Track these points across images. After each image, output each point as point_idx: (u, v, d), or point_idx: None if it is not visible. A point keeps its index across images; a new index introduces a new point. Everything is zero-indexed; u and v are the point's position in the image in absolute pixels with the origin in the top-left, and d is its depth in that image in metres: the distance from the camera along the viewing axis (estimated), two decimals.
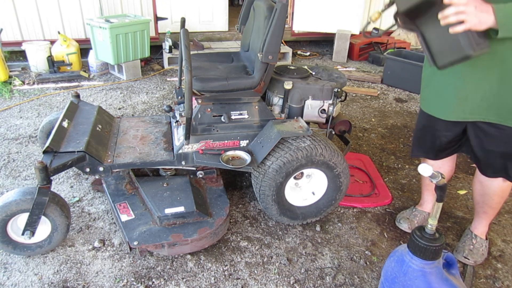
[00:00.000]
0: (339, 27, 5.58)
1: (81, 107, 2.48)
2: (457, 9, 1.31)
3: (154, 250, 1.89)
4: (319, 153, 2.01)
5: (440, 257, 1.38)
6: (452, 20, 1.34)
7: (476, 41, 1.37)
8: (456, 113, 1.76)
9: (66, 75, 4.35)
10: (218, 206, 2.12)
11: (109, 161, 2.10)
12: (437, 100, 1.83)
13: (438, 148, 1.97)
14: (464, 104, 1.71)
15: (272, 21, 1.95)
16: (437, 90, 1.81)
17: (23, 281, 1.82)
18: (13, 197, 1.80)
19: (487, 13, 1.33)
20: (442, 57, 1.47)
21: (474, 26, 1.33)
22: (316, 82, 2.23)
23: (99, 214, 2.27)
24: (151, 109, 3.77)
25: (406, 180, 2.80)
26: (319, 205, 2.22)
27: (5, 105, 3.68)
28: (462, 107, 1.72)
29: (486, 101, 1.66)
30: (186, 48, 1.80)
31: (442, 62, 1.47)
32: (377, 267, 2.01)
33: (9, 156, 2.83)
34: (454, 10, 1.32)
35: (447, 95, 1.76)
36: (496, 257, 2.12)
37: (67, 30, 4.86)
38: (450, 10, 1.33)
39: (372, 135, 3.45)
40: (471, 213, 2.38)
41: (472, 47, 1.36)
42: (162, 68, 4.98)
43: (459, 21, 1.33)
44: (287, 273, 1.94)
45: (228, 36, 5.81)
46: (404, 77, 4.52)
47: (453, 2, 1.32)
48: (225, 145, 2.16)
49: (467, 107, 1.71)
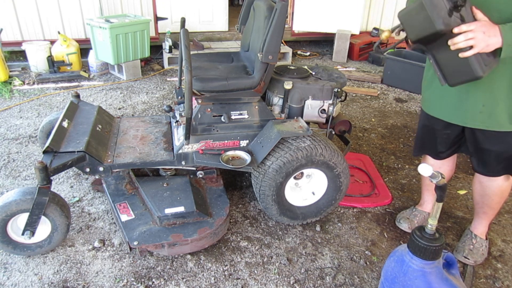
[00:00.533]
0: (339, 27, 5.58)
1: (81, 107, 2.48)
2: (466, 37, 1.39)
3: (154, 250, 1.89)
4: (319, 153, 2.01)
5: (440, 257, 1.38)
6: (461, 46, 1.41)
7: (485, 61, 1.44)
8: (457, 117, 1.78)
9: (66, 75, 4.35)
10: (218, 206, 2.12)
11: (109, 161, 2.10)
12: (438, 101, 1.84)
13: (439, 147, 1.98)
14: (465, 108, 1.72)
15: (272, 21, 1.95)
16: (439, 93, 1.82)
17: (23, 281, 1.82)
18: (13, 197, 1.80)
19: (495, 37, 1.41)
20: (453, 77, 1.53)
21: (482, 50, 1.41)
22: (316, 82, 2.23)
23: (99, 214, 2.27)
24: (151, 109, 3.77)
25: (406, 180, 2.80)
26: (319, 205, 2.22)
27: (5, 105, 3.68)
28: (463, 112, 1.74)
29: (488, 108, 1.67)
30: (186, 48, 1.80)
31: (454, 81, 1.54)
32: (377, 267, 2.01)
33: (9, 156, 2.83)
34: (463, 38, 1.39)
35: (448, 97, 1.78)
36: (496, 257, 2.12)
37: (67, 30, 4.86)
38: (459, 38, 1.40)
39: (372, 135, 3.45)
40: (471, 213, 2.37)
41: (481, 69, 1.44)
42: (162, 68, 4.98)
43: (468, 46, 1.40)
44: (287, 273, 1.94)
45: (228, 36, 5.81)
46: (404, 77, 4.52)
47: (462, 30, 1.39)
48: (225, 145, 2.16)
49: (468, 112, 1.72)
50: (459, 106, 1.74)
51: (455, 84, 1.55)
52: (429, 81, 1.88)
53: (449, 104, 1.78)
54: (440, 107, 1.84)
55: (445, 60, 1.51)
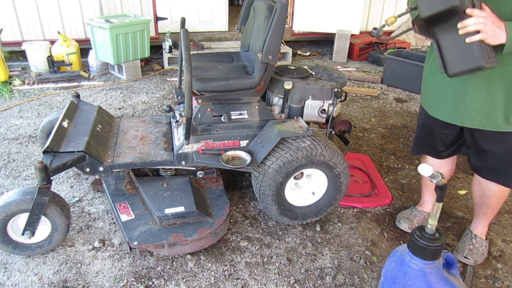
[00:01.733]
0: (339, 27, 5.58)
1: (81, 107, 2.48)
2: (477, 20, 1.39)
3: (154, 250, 1.89)
4: (319, 153, 2.01)
5: (440, 257, 1.38)
6: (471, 29, 1.41)
7: (488, 54, 1.44)
8: (454, 116, 1.78)
9: (66, 75, 4.35)
10: (218, 206, 2.12)
11: (109, 161, 2.10)
12: (436, 101, 1.84)
13: (438, 147, 1.98)
14: (462, 108, 1.73)
15: (272, 21, 1.95)
16: (437, 91, 1.82)
17: (23, 281, 1.82)
18: (13, 197, 1.80)
19: (501, 30, 1.42)
20: (454, 65, 1.51)
21: (488, 39, 1.41)
22: (316, 82, 2.23)
23: (99, 214, 2.27)
24: (151, 109, 3.77)
25: (406, 180, 2.80)
26: (319, 205, 2.22)
27: (5, 105, 3.68)
28: (460, 111, 1.74)
29: (485, 108, 1.67)
30: (186, 48, 1.80)
31: (454, 70, 1.51)
32: (377, 267, 2.01)
33: (9, 156, 2.83)
34: (474, 20, 1.39)
35: (446, 96, 1.78)
36: (496, 257, 2.12)
37: (67, 30, 4.86)
38: (470, 20, 1.40)
39: (372, 135, 3.45)
40: (471, 213, 2.38)
41: (485, 59, 1.43)
42: (162, 68, 4.98)
43: (476, 31, 1.40)
44: (287, 273, 1.94)
45: (228, 36, 5.81)
46: (404, 77, 4.52)
47: (474, 13, 1.40)
48: (225, 145, 2.16)
49: (465, 111, 1.72)
50: (456, 106, 1.74)
51: (455, 74, 1.52)
52: (428, 80, 1.88)
53: (447, 104, 1.78)
54: (439, 107, 1.84)
55: (449, 45, 1.50)
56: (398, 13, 1.66)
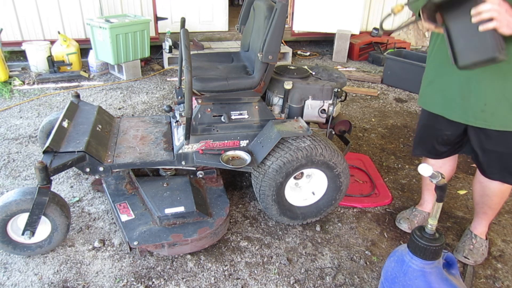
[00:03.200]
0: (339, 27, 5.58)
1: (81, 107, 2.48)
2: (492, 7, 1.33)
3: (154, 250, 1.89)
4: (319, 153, 2.01)
5: (440, 257, 1.38)
6: (485, 16, 1.34)
7: (501, 45, 1.36)
8: (459, 114, 1.75)
9: (66, 75, 4.36)
10: (218, 206, 2.12)
11: (109, 161, 2.10)
12: (441, 98, 1.81)
13: (439, 147, 1.97)
14: (468, 106, 1.70)
15: (272, 21, 1.95)
16: (441, 88, 1.79)
17: (23, 281, 1.82)
18: (13, 197, 1.80)
19: None
20: (465, 56, 1.43)
21: (502, 27, 1.34)
22: (316, 82, 2.23)
23: (99, 214, 2.27)
24: (151, 109, 3.77)
25: (406, 180, 2.80)
26: (319, 205, 2.22)
27: (5, 105, 3.68)
28: (465, 109, 1.71)
29: (491, 107, 1.64)
30: (186, 48, 1.80)
31: (465, 61, 1.43)
32: (377, 267, 2.01)
33: (9, 156, 2.83)
34: (489, 6, 1.33)
35: (451, 93, 1.75)
36: (496, 257, 2.12)
37: (67, 30, 4.87)
38: (485, 6, 1.34)
39: (372, 135, 3.45)
40: (471, 213, 2.38)
41: (498, 50, 1.35)
42: (162, 68, 4.98)
43: (490, 19, 1.34)
44: (287, 273, 1.94)
45: (228, 36, 5.81)
46: (404, 77, 4.52)
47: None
48: (225, 145, 2.16)
49: (470, 110, 1.70)
50: (462, 104, 1.71)
51: (465, 65, 1.44)
52: (431, 76, 1.84)
53: (452, 102, 1.75)
54: (442, 104, 1.81)
55: (461, 34, 1.42)
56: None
